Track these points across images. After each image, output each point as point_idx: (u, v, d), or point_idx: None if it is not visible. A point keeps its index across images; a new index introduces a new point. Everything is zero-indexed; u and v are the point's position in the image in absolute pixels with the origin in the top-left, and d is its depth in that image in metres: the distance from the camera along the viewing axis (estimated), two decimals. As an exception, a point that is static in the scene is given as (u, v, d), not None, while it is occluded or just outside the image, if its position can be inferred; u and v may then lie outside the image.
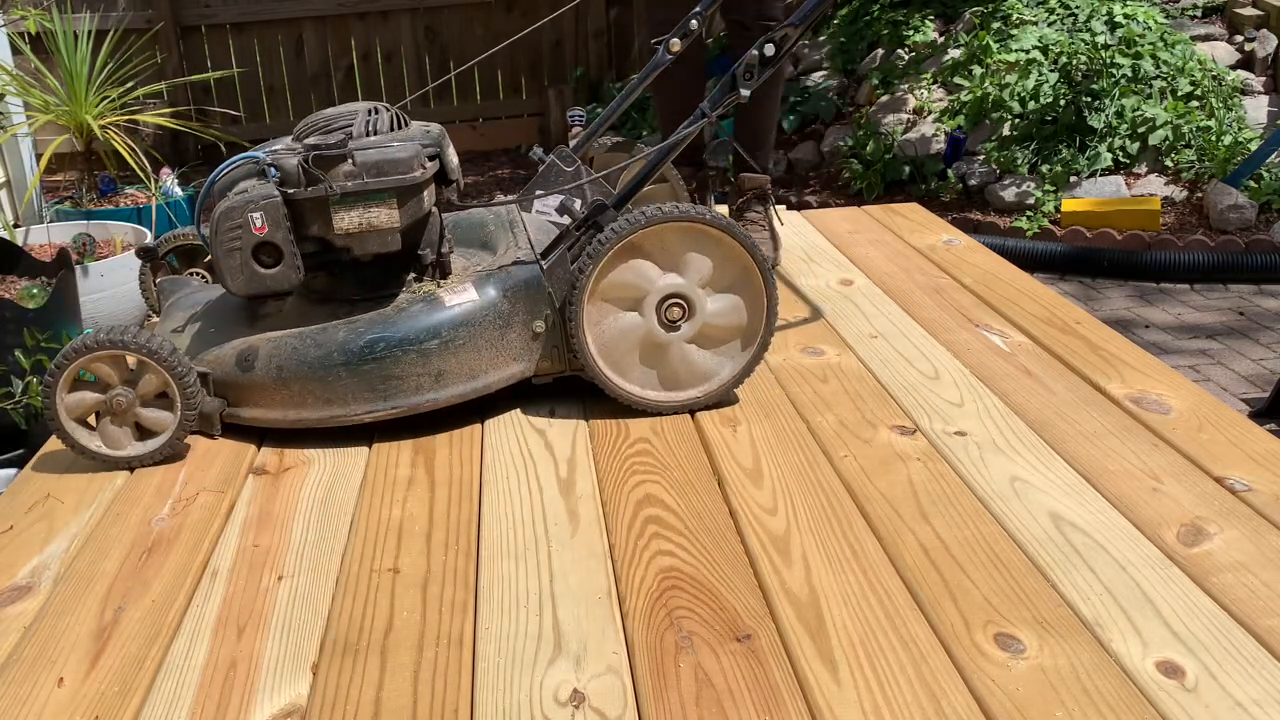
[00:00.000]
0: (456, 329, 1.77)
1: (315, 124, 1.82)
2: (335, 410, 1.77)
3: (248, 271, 1.73)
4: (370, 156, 1.73)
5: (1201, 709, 1.15)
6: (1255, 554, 1.41)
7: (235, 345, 1.81)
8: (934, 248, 2.69)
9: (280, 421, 1.79)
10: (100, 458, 1.74)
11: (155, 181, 4.06)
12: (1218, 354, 3.37)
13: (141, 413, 1.74)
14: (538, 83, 6.51)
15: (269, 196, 1.71)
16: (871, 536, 1.48)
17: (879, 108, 5.07)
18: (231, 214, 1.70)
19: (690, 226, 1.78)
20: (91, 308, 3.25)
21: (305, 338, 1.77)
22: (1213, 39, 5.00)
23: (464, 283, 1.83)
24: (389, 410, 1.77)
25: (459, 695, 1.21)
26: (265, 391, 1.77)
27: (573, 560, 1.46)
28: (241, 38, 6.10)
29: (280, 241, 1.72)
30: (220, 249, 1.72)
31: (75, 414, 1.72)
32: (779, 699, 1.19)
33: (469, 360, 1.79)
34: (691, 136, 1.86)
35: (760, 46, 1.83)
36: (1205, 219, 4.23)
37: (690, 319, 1.83)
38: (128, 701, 1.23)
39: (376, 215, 1.75)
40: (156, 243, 2.18)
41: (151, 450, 1.74)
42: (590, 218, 1.81)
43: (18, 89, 4.00)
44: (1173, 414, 1.79)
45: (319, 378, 1.75)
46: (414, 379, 1.76)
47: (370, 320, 1.78)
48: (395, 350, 1.75)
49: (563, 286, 1.82)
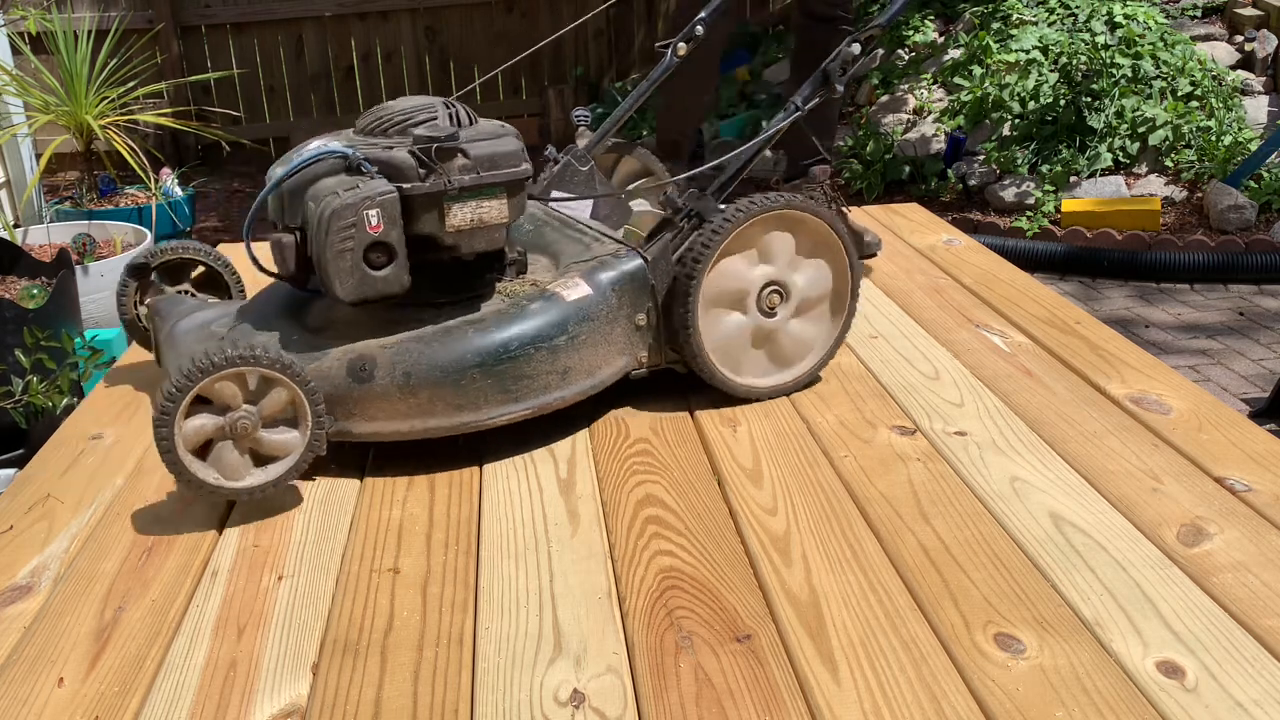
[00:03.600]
0: (580, 324, 1.72)
1: (390, 118, 1.71)
2: (466, 416, 1.66)
3: (359, 274, 1.61)
4: (483, 150, 1.65)
5: (1201, 709, 1.15)
6: (1255, 554, 1.41)
7: (336, 356, 1.64)
8: (934, 248, 2.69)
9: (404, 433, 1.66)
10: (218, 492, 1.53)
11: (155, 181, 4.06)
12: (1218, 354, 3.37)
13: (264, 436, 1.54)
14: (538, 83, 6.51)
15: (386, 192, 1.59)
16: (871, 536, 1.48)
17: (879, 108, 5.07)
18: (345, 212, 1.57)
19: (774, 214, 1.80)
20: (91, 308, 3.25)
21: (429, 341, 1.65)
22: (1213, 39, 5.01)
23: (571, 277, 1.77)
24: (521, 411, 1.70)
25: (459, 695, 1.21)
26: (388, 402, 1.63)
27: (573, 560, 1.46)
28: (241, 38, 6.10)
29: (395, 240, 1.61)
30: (330, 251, 1.58)
31: (192, 444, 1.50)
32: (779, 699, 1.19)
33: (589, 356, 1.75)
34: (783, 130, 1.89)
35: (849, 44, 1.87)
36: (1205, 219, 4.24)
37: (787, 301, 1.86)
38: (128, 701, 1.22)
39: (488, 211, 1.67)
40: (146, 258, 1.98)
41: (275, 478, 1.55)
42: (692, 208, 1.80)
43: (18, 89, 4.00)
44: (1173, 414, 1.79)
45: (452, 381, 1.64)
46: (543, 377, 1.69)
47: (497, 319, 1.69)
48: (529, 348, 1.67)
49: (664, 278, 1.79)
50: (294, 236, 1.66)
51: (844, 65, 1.88)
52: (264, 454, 1.55)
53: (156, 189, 4.08)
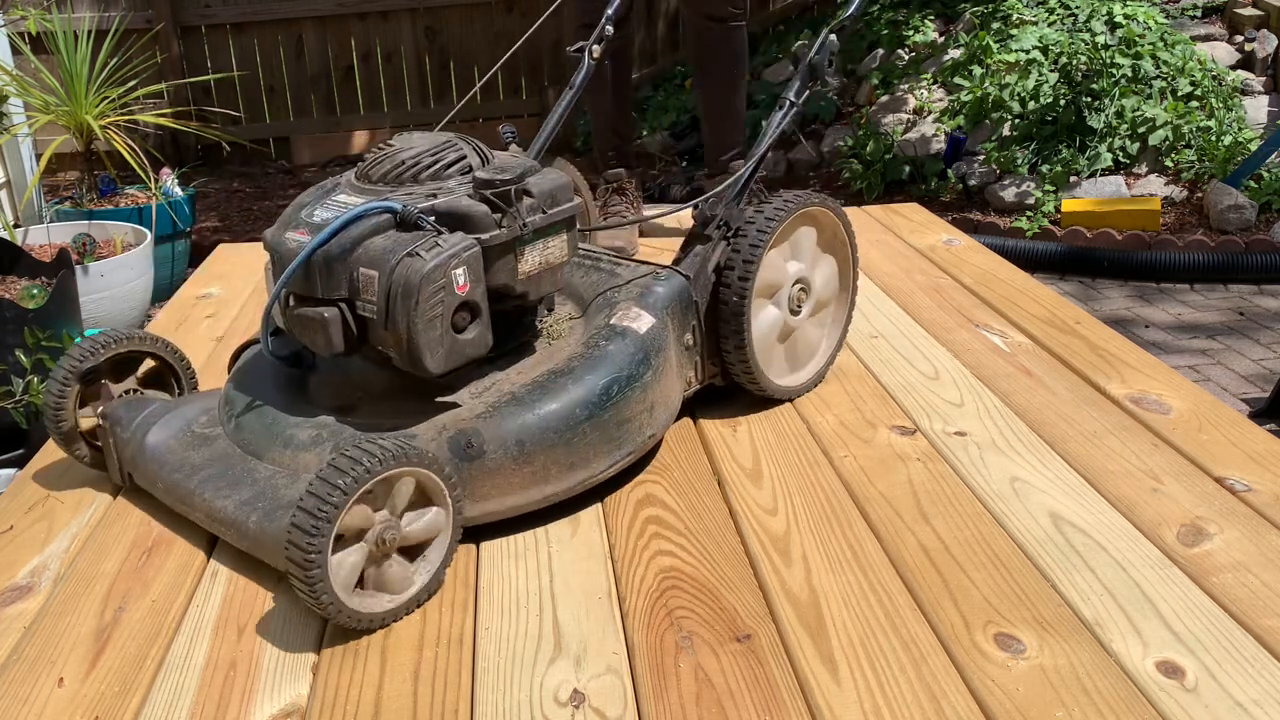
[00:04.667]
0: (656, 355, 1.63)
1: (415, 163, 1.54)
2: (580, 474, 1.53)
3: (448, 341, 1.43)
4: (545, 185, 1.52)
5: (1201, 709, 1.15)
6: (1255, 554, 1.41)
7: (428, 437, 1.46)
8: (934, 248, 2.69)
9: (520, 508, 1.51)
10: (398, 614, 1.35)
11: (155, 181, 4.06)
12: (1218, 354, 3.37)
13: (409, 531, 1.35)
14: (538, 83, 6.51)
15: (469, 247, 1.42)
16: (871, 537, 1.48)
17: (879, 108, 5.07)
18: (434, 274, 1.39)
19: (804, 210, 1.83)
20: (92, 308, 3.25)
21: (528, 402, 1.50)
22: (1213, 39, 5.00)
23: (629, 308, 1.66)
24: (623, 459, 1.58)
25: (459, 695, 1.21)
26: (501, 476, 1.47)
27: (573, 560, 1.46)
28: (241, 38, 6.09)
29: (479, 298, 1.45)
30: (420, 320, 1.39)
31: (349, 583, 1.29)
32: (779, 699, 1.19)
33: (666, 387, 1.66)
34: (784, 127, 1.89)
35: (828, 35, 1.89)
36: (1205, 219, 4.23)
37: (808, 298, 1.88)
38: (128, 701, 1.23)
39: (553, 251, 1.54)
40: (89, 357, 1.62)
41: (437, 568, 1.38)
42: (722, 217, 1.77)
43: (18, 89, 4.00)
44: (1173, 414, 1.79)
45: (565, 442, 1.49)
46: (638, 418, 1.58)
47: (584, 365, 1.56)
48: (626, 391, 1.56)
49: (704, 292, 1.74)
50: (337, 310, 1.45)
51: (831, 57, 1.89)
52: (412, 546, 1.38)
53: (156, 189, 4.08)
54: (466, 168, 1.55)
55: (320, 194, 1.56)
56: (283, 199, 5.49)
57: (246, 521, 1.41)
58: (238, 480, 1.48)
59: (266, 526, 1.39)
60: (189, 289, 2.63)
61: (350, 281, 1.44)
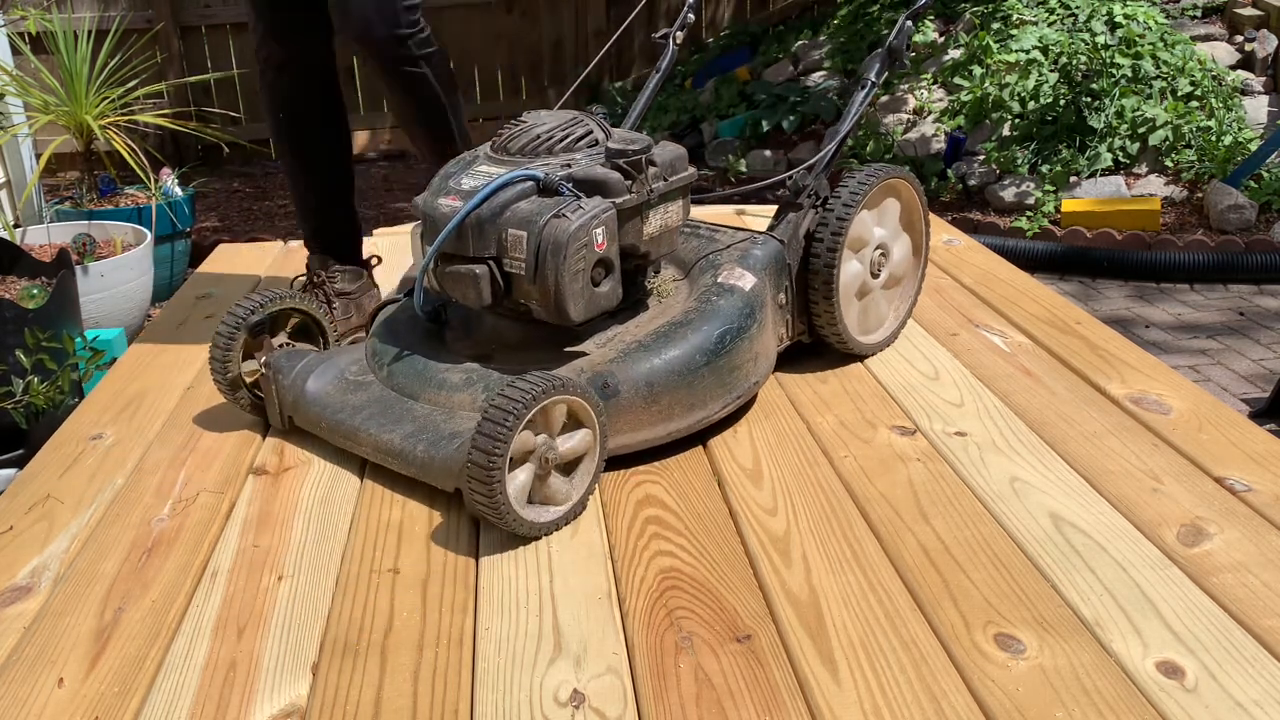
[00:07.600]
0: (760, 310, 1.81)
1: (549, 136, 1.71)
2: (698, 414, 1.71)
3: (588, 294, 1.63)
4: (666, 155, 1.71)
5: (1201, 709, 1.15)
6: (1255, 554, 1.41)
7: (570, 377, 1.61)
8: (934, 248, 2.69)
9: (649, 441, 1.69)
10: (558, 523, 1.53)
11: (155, 181, 4.06)
12: (1218, 354, 3.37)
13: (564, 448, 1.53)
14: (538, 83, 6.51)
15: (606, 209, 1.61)
16: (871, 537, 1.48)
17: (879, 108, 5.07)
18: (579, 233, 1.58)
19: (890, 181, 2.00)
20: (92, 308, 3.25)
21: (655, 349, 1.68)
22: (1213, 39, 5.01)
23: (732, 268, 1.84)
24: (734, 402, 1.77)
25: (459, 695, 1.21)
26: (633, 414, 1.64)
27: (573, 560, 1.46)
28: (241, 38, 6.09)
29: (614, 255, 1.65)
30: (566, 274, 1.58)
31: (521, 497, 1.49)
32: (779, 699, 1.19)
33: (768, 339, 1.86)
34: (865, 105, 2.02)
35: (905, 21, 2.00)
36: (1205, 219, 4.23)
37: (886, 265, 2.04)
38: (128, 701, 1.23)
39: (672, 215, 1.74)
40: (254, 312, 1.84)
41: (590, 481, 1.57)
42: (811, 187, 1.94)
43: (18, 89, 4.00)
44: (1173, 414, 1.79)
45: (687, 384, 1.68)
46: (745, 366, 1.77)
47: (700, 317, 1.74)
48: (736, 340, 1.74)
49: (795, 255, 1.92)
50: (487, 267, 1.63)
51: (909, 41, 2.02)
52: (566, 464, 1.56)
53: (156, 189, 4.08)
54: (593, 141, 1.73)
55: (463, 165, 1.73)
56: (283, 199, 5.48)
57: (414, 450, 1.60)
58: (399, 417, 1.67)
59: (435, 454, 1.58)
60: (189, 289, 2.63)
61: (499, 242, 1.62)
